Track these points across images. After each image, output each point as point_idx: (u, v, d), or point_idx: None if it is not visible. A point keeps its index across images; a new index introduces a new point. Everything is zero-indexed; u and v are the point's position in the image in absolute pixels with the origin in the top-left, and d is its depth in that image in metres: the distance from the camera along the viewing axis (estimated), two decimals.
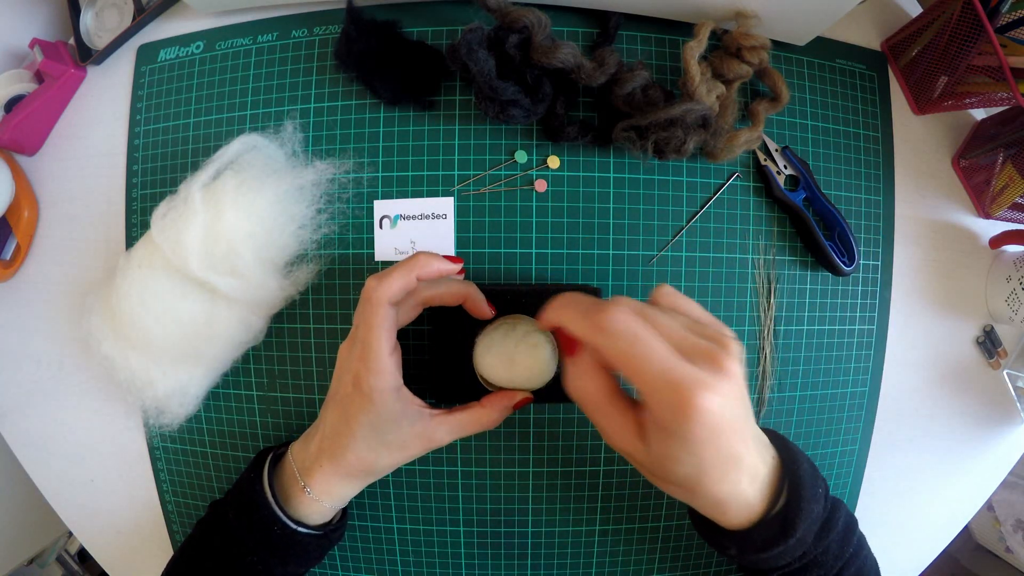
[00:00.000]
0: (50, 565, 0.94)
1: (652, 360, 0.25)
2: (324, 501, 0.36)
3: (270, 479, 0.36)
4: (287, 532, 0.35)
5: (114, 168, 0.48)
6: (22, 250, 0.50)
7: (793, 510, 0.28)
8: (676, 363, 0.25)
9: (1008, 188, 0.47)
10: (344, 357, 0.35)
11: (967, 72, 0.43)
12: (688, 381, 0.24)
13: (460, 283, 0.36)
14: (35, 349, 0.50)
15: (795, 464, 0.29)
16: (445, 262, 0.35)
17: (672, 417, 0.25)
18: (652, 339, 0.25)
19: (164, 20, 0.48)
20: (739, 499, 0.28)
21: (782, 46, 0.45)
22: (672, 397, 0.24)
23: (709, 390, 0.24)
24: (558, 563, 0.44)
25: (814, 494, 0.29)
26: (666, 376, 0.24)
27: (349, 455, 0.34)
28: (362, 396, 0.33)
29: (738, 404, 0.26)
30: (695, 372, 0.25)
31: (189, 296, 0.39)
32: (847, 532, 0.32)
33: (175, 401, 0.42)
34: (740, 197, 0.44)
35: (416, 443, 0.34)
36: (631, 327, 0.25)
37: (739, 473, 0.27)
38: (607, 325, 0.26)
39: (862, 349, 0.47)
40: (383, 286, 0.32)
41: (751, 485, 0.28)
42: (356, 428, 0.34)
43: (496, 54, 0.38)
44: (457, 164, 0.43)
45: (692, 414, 0.24)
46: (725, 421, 0.25)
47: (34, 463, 0.51)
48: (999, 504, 0.93)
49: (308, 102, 0.44)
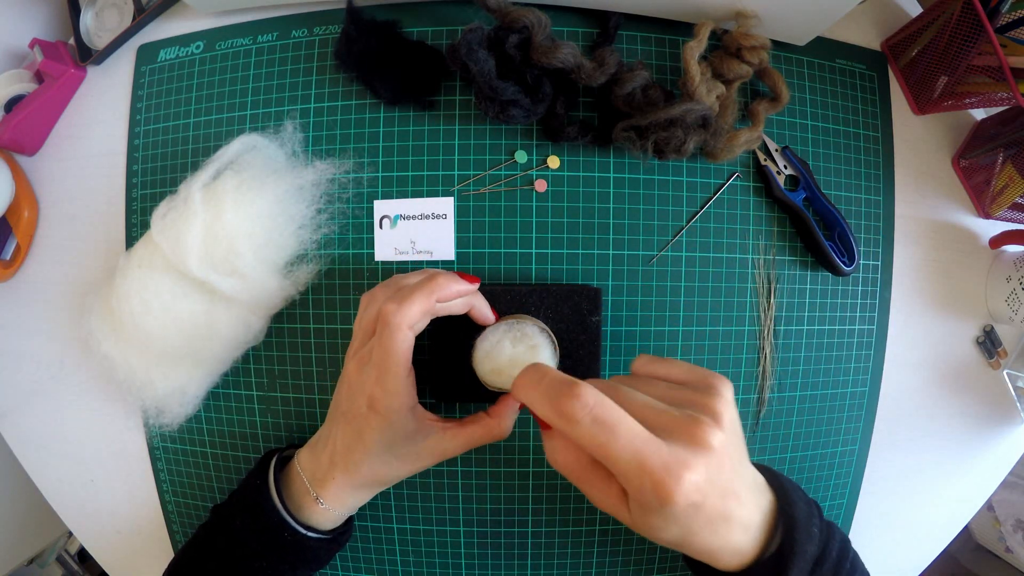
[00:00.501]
0: (50, 565, 0.94)
1: (623, 447, 0.24)
2: (336, 510, 0.36)
3: (276, 485, 0.36)
4: (298, 538, 0.35)
5: (114, 168, 0.48)
6: (22, 250, 0.50)
7: (788, 554, 0.28)
8: (650, 447, 0.24)
9: (1008, 188, 0.47)
10: (355, 378, 0.34)
11: (967, 72, 0.43)
12: (664, 465, 0.23)
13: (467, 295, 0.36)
14: (35, 349, 0.50)
15: (791, 506, 0.29)
16: (463, 283, 0.34)
17: (651, 500, 0.24)
18: (621, 424, 0.24)
19: (164, 20, 0.48)
20: (731, 548, 0.27)
21: (782, 46, 0.45)
22: (648, 483, 0.23)
23: (687, 470, 0.23)
24: (558, 563, 0.44)
25: (808, 535, 0.28)
26: (640, 462, 0.23)
27: (363, 468, 0.34)
28: (378, 417, 0.33)
29: (726, 471, 0.25)
30: (671, 454, 0.24)
31: (189, 296, 0.39)
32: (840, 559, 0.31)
33: (175, 401, 0.42)
34: (740, 197, 0.44)
35: (428, 456, 0.35)
36: (598, 413, 0.24)
37: (729, 527, 0.26)
38: (571, 414, 0.24)
39: (862, 349, 0.47)
40: (402, 311, 0.31)
41: (744, 534, 0.27)
42: (371, 445, 0.34)
43: (496, 54, 0.38)
44: (457, 164, 0.43)
45: (671, 497, 0.23)
46: (708, 493, 0.24)
47: (34, 463, 0.51)
48: (999, 504, 0.93)
49: (308, 102, 0.44)
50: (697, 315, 0.44)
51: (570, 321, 0.39)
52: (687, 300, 0.43)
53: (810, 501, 0.32)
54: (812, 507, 0.31)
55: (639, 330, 0.43)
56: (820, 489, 0.47)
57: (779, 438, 0.45)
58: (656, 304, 0.43)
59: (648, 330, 0.43)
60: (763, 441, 0.45)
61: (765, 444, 0.45)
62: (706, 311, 0.44)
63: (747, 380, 0.44)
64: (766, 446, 0.45)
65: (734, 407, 0.28)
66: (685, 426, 0.25)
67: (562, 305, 0.39)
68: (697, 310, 0.44)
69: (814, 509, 0.31)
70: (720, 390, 0.27)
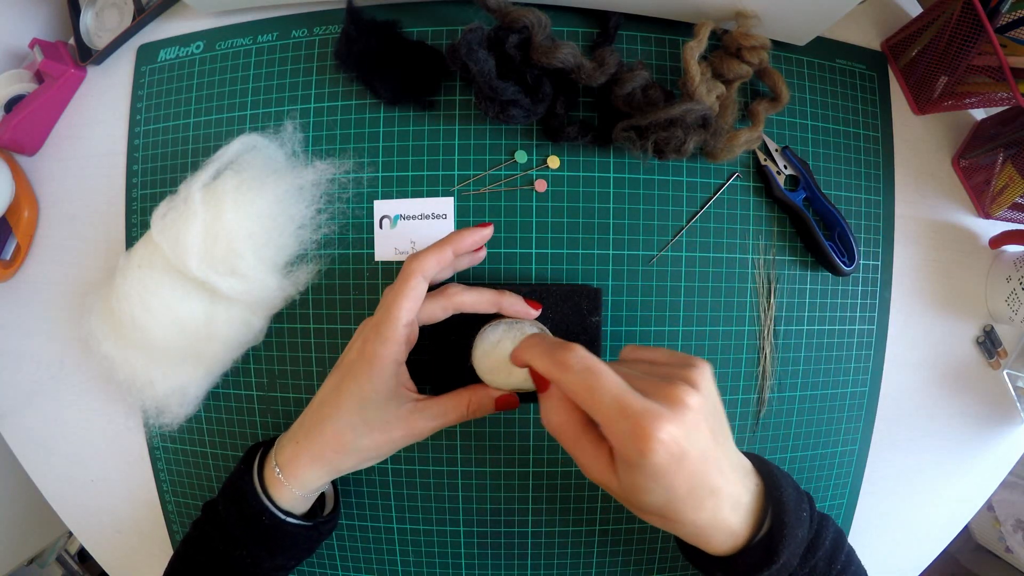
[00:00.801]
0: (50, 565, 0.94)
1: (607, 392, 0.26)
2: (293, 487, 0.35)
3: (260, 471, 0.36)
4: (275, 522, 0.35)
5: (114, 168, 0.48)
6: (22, 250, 0.50)
7: (777, 536, 0.28)
8: (631, 396, 0.25)
9: (1008, 188, 0.47)
10: (360, 328, 0.36)
11: (967, 72, 0.43)
12: (643, 413, 0.25)
13: (494, 292, 0.36)
14: (35, 349, 0.50)
15: (778, 490, 0.30)
16: (477, 230, 0.36)
17: (632, 448, 0.25)
18: (608, 374, 0.26)
19: (164, 20, 0.48)
20: (721, 527, 0.28)
21: (782, 46, 0.45)
22: (628, 428, 0.25)
23: (665, 420, 0.25)
24: (558, 563, 0.44)
25: (798, 519, 0.29)
26: (621, 408, 0.25)
27: (327, 428, 0.34)
28: (363, 361, 0.33)
29: (704, 434, 0.26)
30: (648, 404, 0.25)
31: (189, 296, 0.39)
32: (835, 550, 0.32)
33: (175, 401, 0.42)
34: (740, 197, 0.44)
35: (398, 427, 0.34)
36: (588, 363, 0.27)
37: (717, 502, 0.27)
38: (566, 360, 0.27)
39: (862, 349, 0.47)
40: (418, 259, 0.34)
41: (733, 513, 0.28)
42: (343, 399, 0.34)
43: (496, 54, 0.38)
44: (457, 164, 0.43)
45: (650, 444, 0.24)
46: (690, 451, 0.25)
47: (34, 463, 0.51)
48: (999, 504, 0.93)
49: (308, 102, 0.44)
50: (697, 315, 0.44)
51: (570, 321, 0.39)
52: (687, 300, 0.43)
53: (800, 489, 0.32)
54: (802, 495, 0.32)
55: (639, 330, 0.43)
56: (820, 489, 0.47)
57: (779, 438, 0.45)
58: (656, 304, 0.43)
59: (648, 330, 0.43)
60: (763, 441, 0.45)
61: (765, 444, 0.45)
62: (706, 311, 0.44)
63: (747, 380, 0.44)
64: (766, 446, 0.45)
65: (712, 383, 0.29)
66: (662, 388, 0.26)
67: (562, 305, 0.39)
68: (697, 310, 0.44)
69: (804, 497, 0.32)
70: (698, 365, 0.29)
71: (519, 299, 0.36)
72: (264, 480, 0.36)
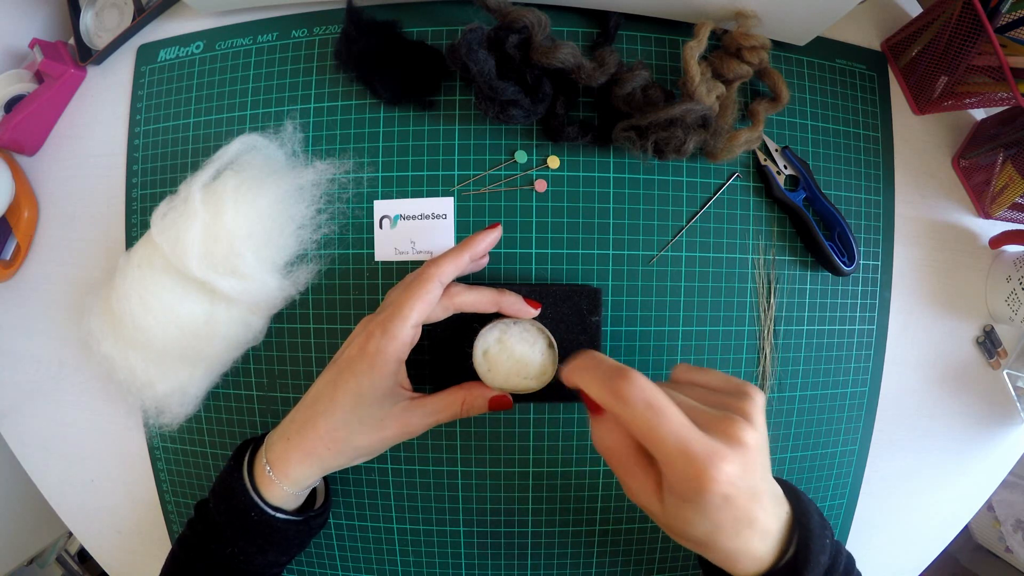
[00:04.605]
0: (50, 565, 0.94)
1: (669, 431, 0.25)
2: (283, 483, 0.35)
3: (250, 467, 0.36)
4: (264, 518, 0.35)
5: (114, 168, 0.48)
6: (22, 250, 0.50)
7: (802, 562, 0.29)
8: (692, 434, 0.25)
9: (1008, 188, 0.47)
10: (361, 324, 0.36)
11: (967, 72, 0.43)
12: (704, 453, 0.25)
13: (494, 292, 0.36)
14: (35, 349, 0.50)
15: (806, 516, 0.30)
16: (489, 233, 0.37)
17: (688, 487, 0.25)
18: (669, 409, 0.26)
19: (164, 20, 0.48)
20: (751, 554, 0.28)
21: (782, 46, 0.45)
22: (688, 469, 0.25)
23: (724, 461, 0.25)
24: (558, 563, 0.44)
25: (822, 546, 0.29)
26: (682, 447, 0.25)
27: (320, 423, 0.34)
28: (364, 357, 0.33)
29: (754, 470, 0.27)
30: (710, 444, 0.25)
31: (189, 296, 0.39)
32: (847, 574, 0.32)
33: (175, 401, 0.42)
34: (740, 197, 0.44)
35: (392, 425, 0.34)
36: (648, 397, 0.26)
37: (752, 532, 0.28)
38: (626, 393, 0.26)
39: (862, 349, 0.47)
40: (437, 264, 0.34)
41: (762, 541, 0.28)
42: (340, 395, 0.34)
43: (496, 54, 0.38)
44: (457, 164, 0.43)
45: (707, 485, 0.25)
46: (740, 489, 0.26)
47: (34, 463, 0.51)
48: (999, 504, 0.93)
49: (308, 102, 0.44)
50: (697, 315, 0.44)
51: (570, 321, 0.39)
52: (687, 300, 0.43)
53: (823, 515, 0.33)
54: (825, 521, 0.32)
55: (639, 330, 0.43)
56: (820, 489, 0.47)
57: (779, 438, 0.45)
58: (656, 304, 0.43)
59: (648, 330, 0.43)
60: None
61: None
62: (706, 311, 0.44)
63: (747, 380, 0.44)
64: None
65: (764, 415, 0.29)
66: (722, 424, 0.26)
67: (562, 305, 0.39)
68: (697, 310, 0.44)
69: (826, 523, 0.32)
70: (753, 396, 0.29)
71: (519, 299, 0.36)
72: (254, 477, 0.36)
